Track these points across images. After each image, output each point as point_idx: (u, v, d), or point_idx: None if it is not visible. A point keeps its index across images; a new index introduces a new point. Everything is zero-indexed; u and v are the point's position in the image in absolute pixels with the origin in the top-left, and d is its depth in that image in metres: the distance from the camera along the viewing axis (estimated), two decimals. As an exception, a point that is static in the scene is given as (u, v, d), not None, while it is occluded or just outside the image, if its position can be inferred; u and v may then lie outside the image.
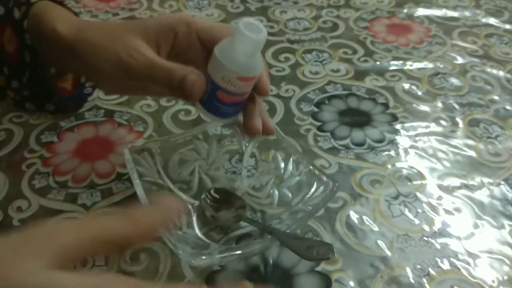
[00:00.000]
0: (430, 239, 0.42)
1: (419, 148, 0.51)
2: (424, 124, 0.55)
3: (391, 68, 0.64)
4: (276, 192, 0.44)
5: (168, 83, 0.38)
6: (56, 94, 0.50)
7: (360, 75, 0.62)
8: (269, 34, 0.70)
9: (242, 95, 0.38)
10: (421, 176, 0.48)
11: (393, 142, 0.52)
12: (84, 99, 0.55)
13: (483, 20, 0.76)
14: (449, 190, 0.47)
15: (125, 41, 0.39)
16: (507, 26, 0.74)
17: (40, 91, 0.49)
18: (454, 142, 0.52)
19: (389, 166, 0.49)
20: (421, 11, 0.78)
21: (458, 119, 0.56)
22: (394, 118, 0.55)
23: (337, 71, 0.63)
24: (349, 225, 0.43)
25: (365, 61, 0.65)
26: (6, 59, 0.46)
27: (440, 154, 0.51)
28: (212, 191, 0.44)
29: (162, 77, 0.38)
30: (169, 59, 0.40)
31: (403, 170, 0.49)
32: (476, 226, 0.43)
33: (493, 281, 0.39)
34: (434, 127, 0.54)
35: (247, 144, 0.47)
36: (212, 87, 0.37)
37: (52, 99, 0.51)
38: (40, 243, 0.25)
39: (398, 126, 0.54)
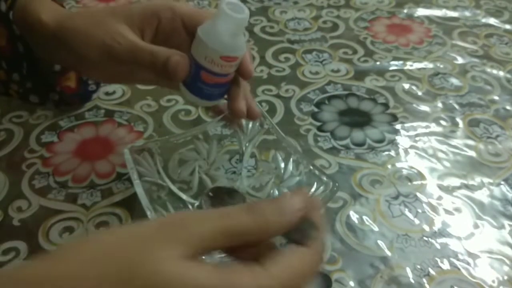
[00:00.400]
0: (430, 239, 0.42)
1: (419, 148, 0.51)
2: (424, 124, 0.55)
3: (391, 68, 0.64)
4: (276, 192, 0.44)
5: (152, 65, 0.38)
6: (61, 92, 0.51)
7: (360, 75, 0.62)
8: (269, 34, 0.70)
9: (225, 76, 0.38)
10: (421, 176, 0.48)
11: (393, 142, 0.52)
12: (88, 96, 0.56)
13: (483, 20, 0.76)
14: (449, 190, 0.47)
15: (109, 26, 0.39)
16: (507, 26, 0.74)
17: (42, 81, 0.50)
18: (454, 142, 0.52)
19: (389, 166, 0.49)
20: (421, 11, 0.78)
21: (458, 119, 0.56)
22: (394, 118, 0.55)
23: (337, 71, 0.63)
24: (349, 225, 0.43)
25: (365, 61, 0.65)
26: (1, 53, 0.46)
27: (440, 154, 0.51)
28: (212, 190, 0.43)
29: (145, 60, 0.38)
30: (154, 44, 0.40)
31: (403, 170, 0.49)
32: (476, 226, 0.43)
33: (493, 281, 0.39)
34: (434, 127, 0.54)
35: (247, 144, 0.47)
36: (196, 68, 0.37)
37: (55, 89, 0.51)
38: (175, 230, 0.24)
39: (398, 126, 0.54)
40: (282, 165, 0.45)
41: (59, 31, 0.42)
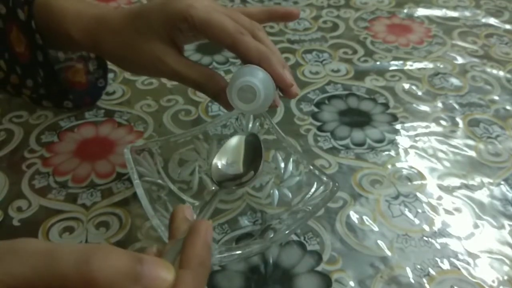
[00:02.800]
0: (430, 239, 0.42)
1: (419, 148, 0.51)
2: (424, 124, 0.55)
3: (391, 68, 0.64)
4: (276, 192, 0.44)
5: (200, 91, 0.42)
6: (72, 90, 0.51)
7: (360, 75, 0.62)
8: (269, 34, 0.70)
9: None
10: (421, 176, 0.48)
11: (393, 142, 0.52)
12: (99, 92, 0.56)
13: (483, 20, 0.76)
14: (449, 190, 0.47)
15: (146, 52, 0.41)
16: (507, 26, 0.74)
17: (56, 90, 0.50)
18: (454, 142, 0.52)
19: (389, 166, 0.49)
20: (421, 11, 0.78)
21: (458, 119, 0.56)
22: (394, 118, 0.55)
23: (337, 71, 0.63)
24: (349, 225, 0.43)
25: (365, 61, 0.65)
26: (17, 58, 0.46)
27: (440, 154, 0.51)
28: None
29: (193, 87, 0.42)
30: (185, 42, 0.43)
31: (403, 170, 0.49)
32: (476, 226, 0.43)
33: (493, 281, 0.39)
34: (434, 127, 0.54)
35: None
36: None
37: (68, 97, 0.51)
38: None
39: (398, 126, 0.54)
40: (282, 165, 0.45)
41: (92, 51, 0.48)
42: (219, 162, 0.42)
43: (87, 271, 0.22)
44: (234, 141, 0.43)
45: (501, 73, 0.64)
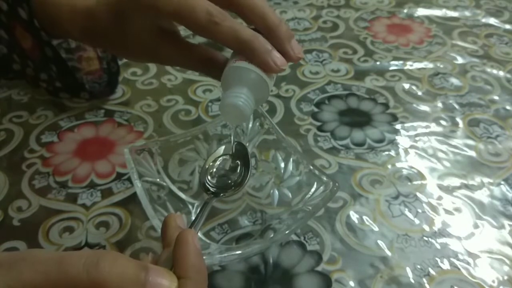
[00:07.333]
0: (430, 239, 0.42)
1: (419, 148, 0.51)
2: (424, 124, 0.55)
3: (391, 68, 0.64)
4: (276, 192, 0.44)
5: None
6: (88, 80, 0.52)
7: (360, 75, 0.62)
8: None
9: None
10: (421, 176, 0.48)
11: (393, 142, 0.52)
12: (115, 79, 0.56)
13: (483, 20, 0.76)
14: (449, 190, 0.47)
15: (142, 51, 0.40)
16: (507, 26, 0.74)
17: (72, 82, 0.50)
18: (454, 142, 0.52)
19: (389, 166, 0.49)
20: (421, 11, 0.78)
21: (458, 119, 0.56)
22: (394, 118, 0.55)
23: (337, 71, 0.63)
24: (349, 225, 0.43)
25: (365, 61, 0.65)
26: (26, 54, 0.46)
27: (440, 154, 0.51)
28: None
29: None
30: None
31: (403, 170, 0.49)
32: (476, 226, 0.43)
33: (493, 281, 0.39)
34: (434, 127, 0.54)
35: (247, 144, 0.47)
36: None
37: (85, 88, 0.52)
38: (2, 272, 0.22)
39: (398, 126, 0.54)
40: (282, 165, 0.45)
41: (97, 47, 0.50)
42: (208, 170, 0.41)
43: (97, 274, 0.22)
44: (222, 150, 0.43)
45: (501, 73, 0.64)
